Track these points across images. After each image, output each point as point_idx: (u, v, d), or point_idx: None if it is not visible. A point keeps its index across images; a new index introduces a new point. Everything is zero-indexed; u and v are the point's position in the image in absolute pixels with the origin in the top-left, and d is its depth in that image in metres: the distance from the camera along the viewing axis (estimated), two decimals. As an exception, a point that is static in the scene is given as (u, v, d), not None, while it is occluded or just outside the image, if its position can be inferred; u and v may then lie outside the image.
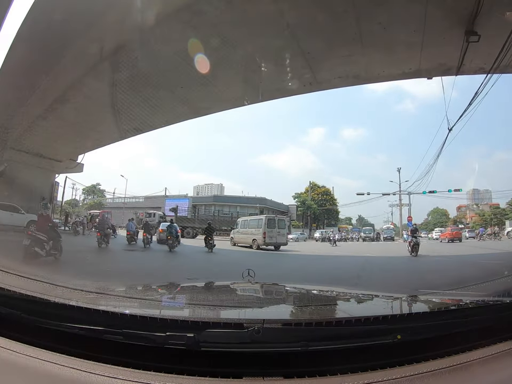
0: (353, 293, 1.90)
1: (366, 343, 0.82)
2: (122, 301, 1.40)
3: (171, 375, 0.72)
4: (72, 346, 0.82)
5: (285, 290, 1.90)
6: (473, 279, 5.56)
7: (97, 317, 0.88)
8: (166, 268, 8.69)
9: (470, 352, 0.84)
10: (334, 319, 1.00)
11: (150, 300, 1.50)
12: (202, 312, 1.27)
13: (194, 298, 1.66)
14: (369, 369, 0.76)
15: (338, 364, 0.78)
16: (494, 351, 0.85)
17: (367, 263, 11.04)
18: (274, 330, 0.81)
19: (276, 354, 0.79)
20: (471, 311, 1.08)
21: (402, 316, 1.04)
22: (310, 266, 10.68)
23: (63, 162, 19.10)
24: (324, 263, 11.98)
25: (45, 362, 0.75)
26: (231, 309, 1.36)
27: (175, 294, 1.74)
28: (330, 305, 1.48)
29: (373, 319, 0.92)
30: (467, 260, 11.71)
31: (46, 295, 1.05)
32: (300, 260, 13.57)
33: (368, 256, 13.54)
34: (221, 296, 1.74)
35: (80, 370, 0.72)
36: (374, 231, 41.37)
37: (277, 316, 1.16)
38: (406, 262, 11.33)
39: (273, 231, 16.97)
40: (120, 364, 0.76)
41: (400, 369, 0.76)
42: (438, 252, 15.47)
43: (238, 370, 0.75)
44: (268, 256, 14.14)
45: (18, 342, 0.84)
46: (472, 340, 0.89)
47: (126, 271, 7.17)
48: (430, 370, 0.75)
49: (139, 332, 0.81)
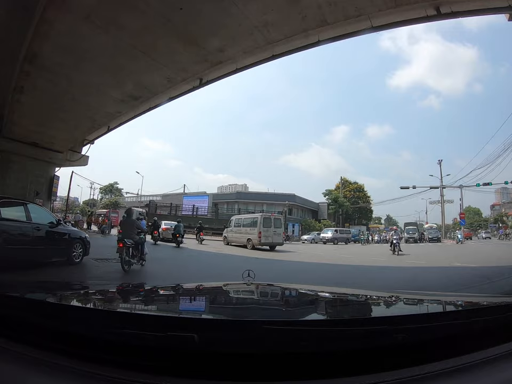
0: (354, 294, 1.79)
1: (366, 344, 0.78)
2: (122, 301, 1.42)
3: (171, 376, 0.71)
4: (71, 346, 0.81)
5: (285, 291, 1.84)
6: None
7: (97, 316, 0.89)
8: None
9: (472, 353, 0.82)
10: (334, 320, 1.02)
11: (150, 300, 1.49)
12: (202, 313, 1.29)
13: (195, 299, 1.61)
14: (369, 370, 0.73)
15: (339, 365, 0.74)
16: (497, 352, 0.83)
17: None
18: (274, 330, 0.77)
19: (276, 355, 0.74)
20: (473, 312, 1.07)
21: (402, 317, 0.99)
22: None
23: (64, 154, 16.70)
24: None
25: (44, 362, 0.76)
26: (231, 309, 1.34)
27: (176, 294, 1.70)
28: (330, 306, 1.47)
29: (373, 320, 0.96)
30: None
31: (46, 295, 1.19)
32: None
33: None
34: (221, 297, 1.68)
35: (79, 370, 0.73)
36: (418, 231, 36.67)
37: (277, 317, 1.15)
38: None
39: (269, 230, 16.25)
40: (120, 364, 0.75)
41: (400, 371, 0.73)
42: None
43: (238, 371, 0.72)
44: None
45: (18, 342, 0.84)
46: (474, 341, 0.86)
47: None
48: (431, 372, 0.74)
49: (139, 332, 0.77)
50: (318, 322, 0.94)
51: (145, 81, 9.05)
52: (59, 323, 0.85)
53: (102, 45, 7.60)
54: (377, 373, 0.72)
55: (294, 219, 38.97)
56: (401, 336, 0.78)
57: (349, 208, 46.45)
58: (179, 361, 0.74)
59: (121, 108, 10.70)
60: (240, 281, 1.71)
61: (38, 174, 15.72)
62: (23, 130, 13.34)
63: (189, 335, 0.72)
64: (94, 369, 0.72)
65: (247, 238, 16.62)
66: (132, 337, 0.77)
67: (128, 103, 10.24)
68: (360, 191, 52.66)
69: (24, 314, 0.90)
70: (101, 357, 0.76)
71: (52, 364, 0.75)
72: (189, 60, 8.34)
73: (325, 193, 47.63)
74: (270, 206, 38.72)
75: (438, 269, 9.52)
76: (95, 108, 10.75)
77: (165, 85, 9.09)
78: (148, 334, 0.75)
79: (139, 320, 0.86)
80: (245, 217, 18.76)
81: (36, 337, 0.85)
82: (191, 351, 0.74)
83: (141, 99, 9.90)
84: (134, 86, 9.24)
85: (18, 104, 11.03)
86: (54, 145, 15.44)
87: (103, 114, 11.30)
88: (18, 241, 5.98)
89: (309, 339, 0.77)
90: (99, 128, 14.54)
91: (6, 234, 5.71)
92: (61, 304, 1.05)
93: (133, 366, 0.73)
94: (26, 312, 0.91)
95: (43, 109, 11.39)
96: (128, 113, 12.47)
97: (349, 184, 52.45)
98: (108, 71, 8.84)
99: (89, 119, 11.89)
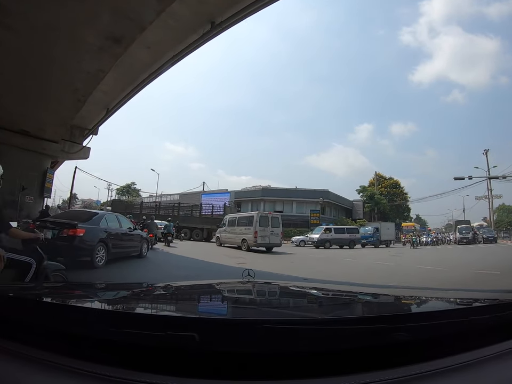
0: (354, 292, 1.74)
1: (365, 342, 0.78)
2: (122, 300, 1.39)
3: (170, 375, 0.70)
4: (71, 345, 0.79)
5: (285, 289, 1.79)
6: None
7: (96, 316, 0.88)
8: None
9: (470, 351, 0.81)
10: (334, 319, 0.99)
11: (149, 299, 1.46)
12: (202, 312, 1.26)
13: (195, 298, 1.58)
14: (369, 369, 0.74)
15: (339, 363, 0.74)
16: (495, 350, 0.83)
17: None
18: (274, 330, 0.76)
19: (276, 354, 0.74)
20: (472, 310, 1.07)
21: (402, 316, 1.01)
22: None
23: (60, 145, 14.52)
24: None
25: (43, 362, 0.75)
26: (231, 309, 1.32)
27: (175, 293, 1.65)
28: (330, 305, 1.45)
29: (372, 318, 0.93)
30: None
31: (45, 295, 1.20)
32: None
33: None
34: (221, 296, 1.67)
35: (78, 370, 0.72)
36: (472, 231, 31.43)
37: (277, 316, 1.11)
38: None
39: (266, 230, 15.06)
40: (119, 363, 0.74)
41: (399, 370, 0.73)
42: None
43: (237, 371, 0.73)
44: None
45: (17, 342, 0.82)
46: (472, 339, 0.86)
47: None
48: (430, 370, 0.74)
49: (139, 331, 0.76)
50: (318, 321, 0.92)
51: (126, 5, 6.22)
52: (59, 323, 0.84)
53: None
54: (376, 371, 0.73)
55: (328, 219, 33.77)
56: (400, 334, 0.79)
57: (386, 206, 41.66)
58: (179, 360, 0.74)
59: (102, 63, 7.99)
60: (240, 279, 1.73)
61: (29, 167, 13.59)
62: (3, 112, 11.16)
63: (189, 335, 0.72)
64: (94, 368, 0.72)
65: (241, 239, 15.30)
66: (132, 336, 0.76)
67: (109, 51, 7.48)
68: (396, 187, 47.53)
69: (23, 314, 0.89)
70: (100, 357, 0.76)
71: (52, 364, 0.75)
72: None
73: (359, 189, 43.01)
74: (300, 204, 34.46)
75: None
76: (69, 65, 8.13)
77: (154, 7, 6.17)
78: (147, 334, 0.76)
79: (139, 319, 0.87)
80: (239, 216, 17.33)
81: (35, 336, 0.84)
82: (191, 351, 0.74)
83: (125, 41, 7.10)
84: (112, 17, 6.43)
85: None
86: (46, 133, 13.25)
87: (83, 77, 8.68)
88: (118, 243, 8.27)
89: (308, 338, 0.77)
90: (92, 107, 12.10)
91: (113, 238, 7.97)
92: (60, 303, 1.05)
93: (133, 366, 0.73)
94: (26, 311, 0.90)
95: (13, 77, 9.00)
96: (117, 78, 9.82)
97: (383, 180, 47.54)
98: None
99: (69, 87, 9.35)
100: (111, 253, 7.72)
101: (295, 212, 34.36)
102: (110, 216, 8.65)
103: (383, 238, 26.71)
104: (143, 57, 9.21)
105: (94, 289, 1.59)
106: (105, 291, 1.57)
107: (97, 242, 7.27)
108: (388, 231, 27.83)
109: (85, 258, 6.83)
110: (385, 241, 26.95)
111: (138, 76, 10.72)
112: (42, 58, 8.24)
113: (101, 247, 7.38)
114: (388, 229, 28.13)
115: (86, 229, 6.97)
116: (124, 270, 7.64)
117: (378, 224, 28.32)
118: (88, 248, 7.00)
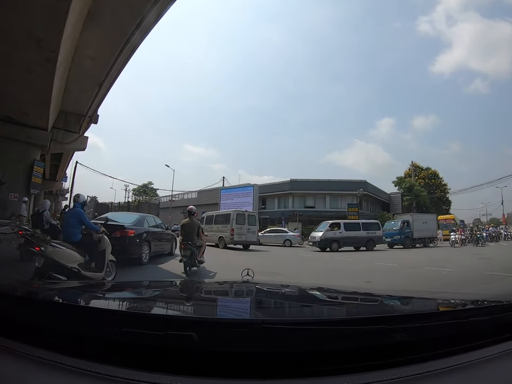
0: (353, 293, 1.75)
1: (364, 343, 0.78)
2: (122, 300, 1.38)
3: (170, 375, 0.71)
4: (70, 345, 0.79)
5: (284, 290, 1.79)
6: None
7: (96, 315, 0.88)
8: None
9: (470, 352, 0.82)
10: (333, 319, 0.99)
11: (148, 298, 1.47)
12: (202, 311, 1.26)
13: (194, 297, 1.55)
14: (368, 369, 0.74)
15: (338, 363, 0.75)
16: (494, 351, 0.84)
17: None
18: (273, 330, 0.77)
19: (275, 354, 0.75)
20: (471, 311, 1.07)
21: (401, 317, 1.01)
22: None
23: (50, 133, 12.42)
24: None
25: (43, 361, 0.75)
26: (231, 308, 1.33)
27: (174, 292, 1.68)
28: (329, 305, 1.44)
29: (372, 319, 0.93)
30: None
31: (45, 295, 1.18)
32: None
33: None
34: (220, 295, 1.68)
35: (78, 369, 0.72)
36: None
37: (276, 316, 1.15)
38: None
39: (243, 227, 15.42)
40: (119, 362, 0.74)
41: (398, 370, 0.74)
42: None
43: (237, 370, 0.73)
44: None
45: (17, 341, 0.81)
46: (472, 340, 0.86)
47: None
48: (430, 371, 0.74)
49: (139, 330, 0.76)
50: (317, 322, 0.90)
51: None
52: (59, 322, 0.84)
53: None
54: (376, 371, 0.73)
55: (367, 215, 29.35)
56: (399, 335, 0.79)
57: (426, 199, 37.02)
58: (179, 360, 0.74)
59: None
60: (240, 279, 1.74)
61: (14, 159, 11.55)
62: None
63: (189, 334, 0.72)
64: (94, 367, 0.72)
65: (218, 236, 15.48)
66: (132, 336, 0.77)
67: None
68: (434, 177, 42.62)
69: (24, 313, 0.89)
70: (100, 356, 0.76)
71: (52, 363, 0.75)
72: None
73: (396, 181, 38.56)
74: (335, 198, 30.32)
75: None
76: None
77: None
78: (147, 333, 0.76)
79: (139, 319, 0.87)
80: (217, 214, 17.75)
81: (36, 336, 0.83)
82: (191, 350, 0.74)
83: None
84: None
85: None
86: (30, 117, 11.11)
87: (39, 15, 6.24)
88: (156, 242, 8.87)
89: (308, 338, 0.77)
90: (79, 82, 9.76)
91: (153, 238, 8.59)
92: (60, 303, 1.04)
93: (133, 365, 0.73)
94: (26, 311, 0.90)
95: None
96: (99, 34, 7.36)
97: (420, 171, 42.79)
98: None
99: (30, 38, 6.96)
100: (153, 251, 8.28)
101: (329, 207, 30.26)
102: (149, 217, 9.26)
103: (418, 235, 19.88)
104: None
105: (95, 289, 1.60)
106: (105, 291, 1.58)
107: (144, 241, 7.84)
108: (424, 225, 20.50)
109: (134, 256, 7.34)
110: (422, 239, 20.14)
111: (124, 26, 8.22)
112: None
113: (146, 246, 7.90)
114: (425, 222, 20.79)
115: (135, 230, 7.49)
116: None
117: (409, 216, 21.18)
118: (137, 247, 7.53)
